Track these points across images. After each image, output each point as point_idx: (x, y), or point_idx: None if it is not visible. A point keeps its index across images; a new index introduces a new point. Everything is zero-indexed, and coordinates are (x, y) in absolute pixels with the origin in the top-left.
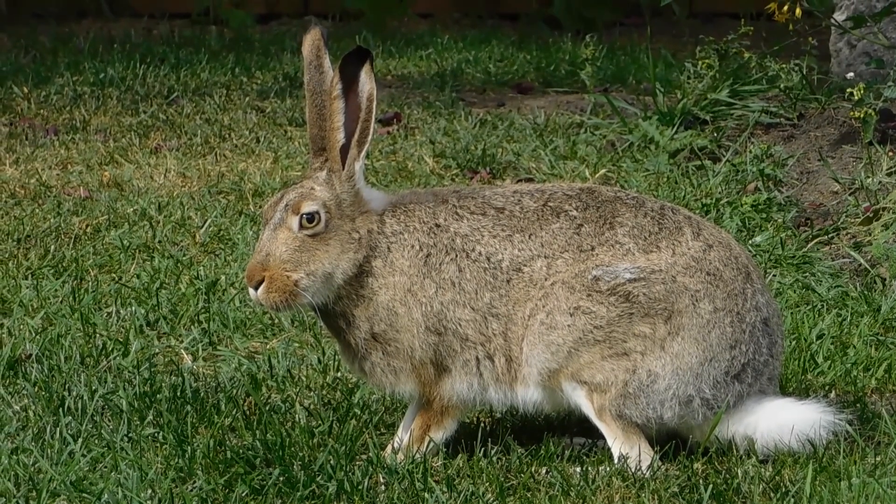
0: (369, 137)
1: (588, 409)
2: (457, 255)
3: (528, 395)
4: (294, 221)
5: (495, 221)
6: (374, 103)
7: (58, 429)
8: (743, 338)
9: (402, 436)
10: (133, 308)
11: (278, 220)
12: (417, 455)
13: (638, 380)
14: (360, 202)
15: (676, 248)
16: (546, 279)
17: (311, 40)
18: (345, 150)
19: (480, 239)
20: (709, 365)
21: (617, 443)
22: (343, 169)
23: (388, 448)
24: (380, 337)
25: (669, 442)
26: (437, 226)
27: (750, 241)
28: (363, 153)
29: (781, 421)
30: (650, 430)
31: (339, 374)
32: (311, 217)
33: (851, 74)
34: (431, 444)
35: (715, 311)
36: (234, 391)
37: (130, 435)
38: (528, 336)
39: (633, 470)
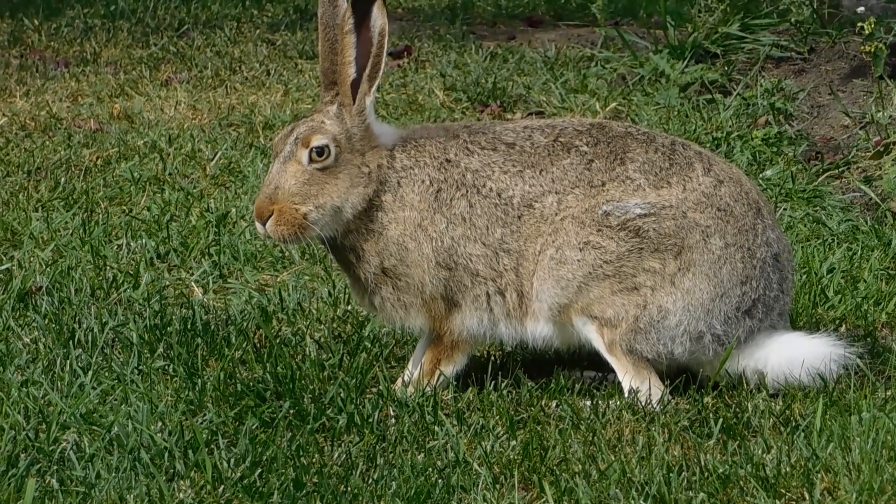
0: (380, 72)
1: (598, 344)
2: (468, 191)
3: (539, 329)
4: (304, 155)
5: (506, 157)
6: (386, 38)
7: (68, 361)
8: (754, 273)
9: (413, 370)
10: (143, 240)
11: (288, 153)
12: (428, 388)
13: (649, 315)
14: (371, 136)
15: (687, 184)
16: (556, 214)
17: None
18: (356, 84)
19: (491, 174)
20: (720, 301)
21: (627, 377)
22: (354, 103)
23: (399, 381)
24: (390, 272)
25: (680, 376)
26: (448, 161)
27: (760, 175)
28: (374, 88)
29: (792, 355)
30: (661, 366)
31: (349, 308)
32: (321, 150)
33: (862, 8)
34: (442, 377)
35: (726, 247)
36: (245, 324)
37: (141, 368)
38: (539, 271)
39: (643, 404)
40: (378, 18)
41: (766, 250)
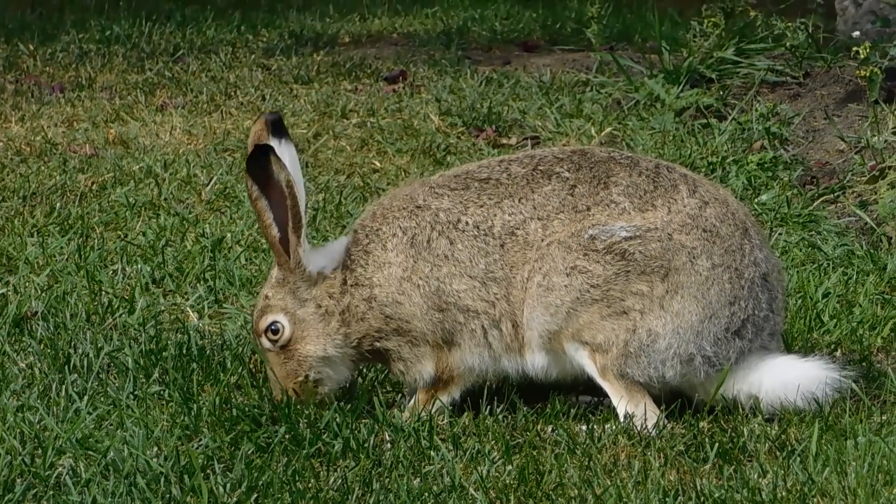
0: (303, 220)
1: (591, 369)
2: (443, 229)
3: (535, 360)
4: (265, 342)
5: (480, 192)
6: (296, 186)
7: (63, 386)
8: (742, 294)
9: (408, 398)
10: (139, 265)
11: (259, 346)
12: (423, 414)
13: (638, 339)
14: (313, 278)
15: (672, 206)
16: (543, 240)
17: (255, 132)
18: (284, 240)
19: (465, 210)
20: (709, 322)
21: (622, 402)
22: (290, 259)
23: (395, 408)
24: (401, 330)
25: (675, 401)
26: (418, 207)
27: (756, 200)
28: (303, 237)
29: (786, 379)
30: (654, 390)
31: None
32: (275, 329)
33: (857, 33)
34: (438, 404)
35: (713, 268)
36: (240, 349)
37: (136, 393)
38: (528, 299)
39: (638, 429)
40: (280, 173)
41: (754, 270)
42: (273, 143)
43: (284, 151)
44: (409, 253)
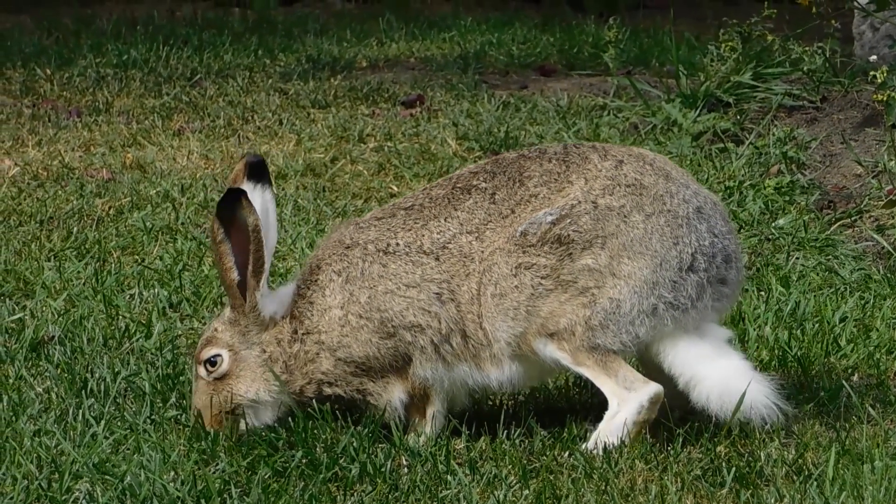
0: (264, 266)
1: (565, 360)
2: (374, 258)
3: (505, 373)
4: (201, 370)
5: (406, 218)
6: (261, 232)
7: (80, 411)
8: (682, 231)
9: (416, 421)
10: (156, 290)
11: (195, 372)
12: (430, 431)
13: (602, 310)
14: (263, 323)
15: (587, 174)
16: (482, 252)
17: (235, 172)
18: (242, 284)
19: (393, 236)
20: (661, 270)
21: (600, 378)
22: (245, 302)
23: (411, 433)
24: (359, 370)
25: (689, 423)
26: (347, 248)
27: (773, 224)
28: (262, 282)
29: (723, 388)
30: (631, 353)
31: None
32: (213, 361)
33: (874, 57)
34: (446, 422)
35: (647, 218)
36: None
37: (153, 417)
38: (486, 314)
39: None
40: (247, 217)
41: (685, 207)
42: (248, 185)
43: (258, 195)
44: (346, 289)
